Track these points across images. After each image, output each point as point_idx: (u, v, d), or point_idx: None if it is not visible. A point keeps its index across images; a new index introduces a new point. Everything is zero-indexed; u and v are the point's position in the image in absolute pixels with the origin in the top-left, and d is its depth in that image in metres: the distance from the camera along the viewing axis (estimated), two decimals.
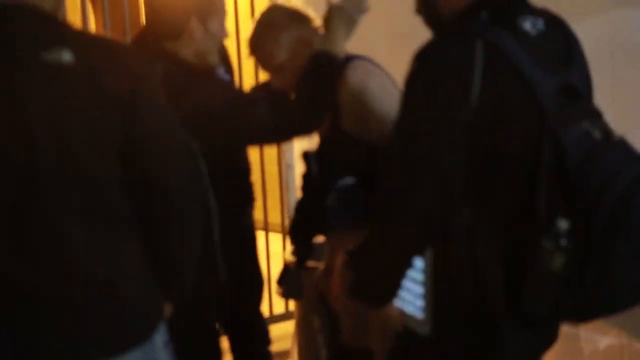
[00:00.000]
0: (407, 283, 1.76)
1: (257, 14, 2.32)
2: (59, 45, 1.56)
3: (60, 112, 1.55)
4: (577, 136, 1.62)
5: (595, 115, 1.69)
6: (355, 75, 2.19)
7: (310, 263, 2.54)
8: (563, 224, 1.58)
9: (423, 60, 1.65)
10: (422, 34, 1.78)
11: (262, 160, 4.01)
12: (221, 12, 2.22)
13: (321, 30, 2.23)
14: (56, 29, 1.62)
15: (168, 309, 1.78)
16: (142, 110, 1.62)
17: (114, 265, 1.63)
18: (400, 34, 3.15)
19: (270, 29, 2.24)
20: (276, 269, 2.85)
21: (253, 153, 3.25)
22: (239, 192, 2.84)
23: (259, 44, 2.27)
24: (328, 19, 2.16)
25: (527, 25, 1.68)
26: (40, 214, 1.56)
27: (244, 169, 2.92)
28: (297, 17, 2.28)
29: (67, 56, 1.55)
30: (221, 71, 2.66)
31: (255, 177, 3.04)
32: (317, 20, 2.29)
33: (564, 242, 1.58)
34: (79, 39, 1.63)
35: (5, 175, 1.55)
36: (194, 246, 1.76)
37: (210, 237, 2.36)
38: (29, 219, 1.56)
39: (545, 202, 1.60)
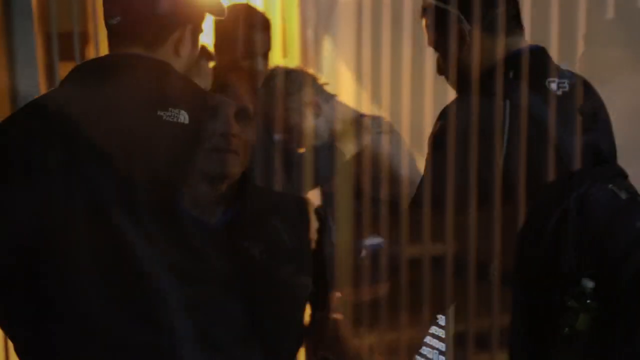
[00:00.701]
0: (428, 339, 1.76)
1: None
2: (177, 106, 1.59)
3: (167, 168, 1.56)
4: (603, 196, 1.61)
5: (621, 176, 1.70)
6: (375, 141, 2.25)
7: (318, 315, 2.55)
8: (589, 284, 1.58)
9: (451, 118, 1.67)
10: None
11: None
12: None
13: (328, 89, 2.35)
14: (179, 88, 1.65)
15: None
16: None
17: (213, 322, 1.61)
18: None
19: (279, 94, 2.31)
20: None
21: None
22: None
23: (268, 110, 2.33)
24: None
25: (553, 85, 1.69)
26: (135, 268, 1.56)
27: None
28: (303, 79, 2.34)
29: (182, 117, 1.59)
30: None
31: None
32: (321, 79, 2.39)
33: (589, 301, 1.57)
34: (196, 100, 1.65)
35: (105, 229, 1.54)
36: (299, 315, 1.75)
37: None
38: (124, 274, 1.55)
39: (570, 261, 1.60)
